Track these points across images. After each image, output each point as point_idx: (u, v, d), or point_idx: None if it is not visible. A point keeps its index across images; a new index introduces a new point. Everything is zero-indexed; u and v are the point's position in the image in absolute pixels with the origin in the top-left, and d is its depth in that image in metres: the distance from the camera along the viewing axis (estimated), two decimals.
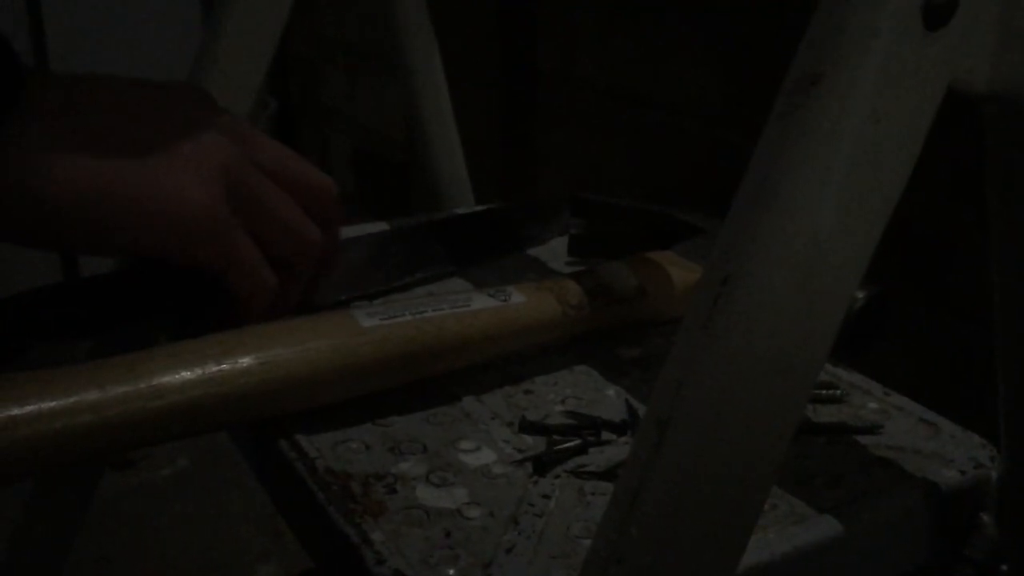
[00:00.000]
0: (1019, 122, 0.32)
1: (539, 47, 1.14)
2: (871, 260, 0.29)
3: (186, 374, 0.40)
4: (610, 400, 0.48)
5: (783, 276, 0.27)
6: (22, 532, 0.76)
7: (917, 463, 0.43)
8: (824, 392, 0.48)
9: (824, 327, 0.29)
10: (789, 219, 0.27)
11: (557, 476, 0.42)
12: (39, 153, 0.40)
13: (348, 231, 0.67)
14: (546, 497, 0.41)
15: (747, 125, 0.88)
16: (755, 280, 0.27)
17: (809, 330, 0.28)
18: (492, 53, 1.20)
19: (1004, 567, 0.41)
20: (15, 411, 0.36)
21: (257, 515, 1.35)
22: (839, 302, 0.28)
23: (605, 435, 0.45)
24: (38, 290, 0.46)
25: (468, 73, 1.08)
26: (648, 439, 0.28)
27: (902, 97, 0.27)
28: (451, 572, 0.36)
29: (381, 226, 0.68)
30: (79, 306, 0.48)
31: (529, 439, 0.44)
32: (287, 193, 0.47)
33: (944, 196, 0.70)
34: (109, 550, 1.25)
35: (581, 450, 0.44)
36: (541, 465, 0.42)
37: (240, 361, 0.41)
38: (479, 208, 0.75)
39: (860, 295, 0.48)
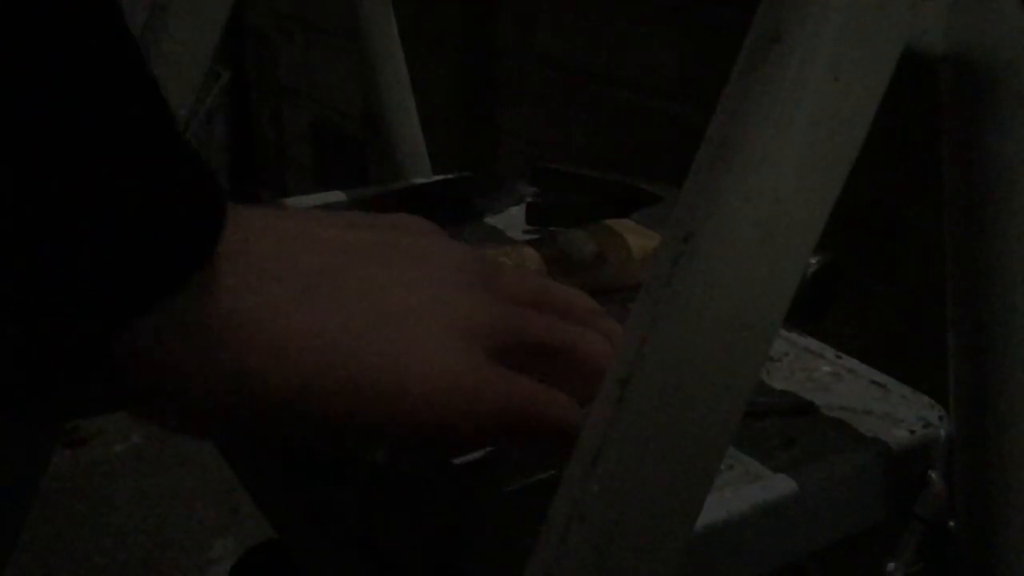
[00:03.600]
0: (974, 84, 0.33)
1: (499, 21, 1.13)
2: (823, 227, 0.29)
3: None
4: None
5: (744, 234, 0.28)
6: None
7: (868, 424, 0.44)
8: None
9: (783, 284, 0.29)
10: (750, 177, 0.27)
11: None
12: (243, 318, 0.28)
13: (305, 201, 0.67)
14: None
15: (704, 100, 0.89)
16: (716, 237, 0.28)
17: (769, 287, 0.29)
18: (452, 26, 1.20)
19: (951, 523, 0.43)
20: None
21: (212, 491, 1.34)
22: (798, 259, 0.29)
23: None
24: None
25: (427, 45, 1.08)
26: (609, 396, 0.29)
27: (861, 56, 0.28)
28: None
29: (338, 195, 0.67)
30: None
31: None
32: (551, 316, 0.37)
33: (891, 164, 0.71)
34: (63, 527, 1.24)
35: None
36: None
37: None
38: (437, 178, 0.75)
39: (814, 261, 0.49)
